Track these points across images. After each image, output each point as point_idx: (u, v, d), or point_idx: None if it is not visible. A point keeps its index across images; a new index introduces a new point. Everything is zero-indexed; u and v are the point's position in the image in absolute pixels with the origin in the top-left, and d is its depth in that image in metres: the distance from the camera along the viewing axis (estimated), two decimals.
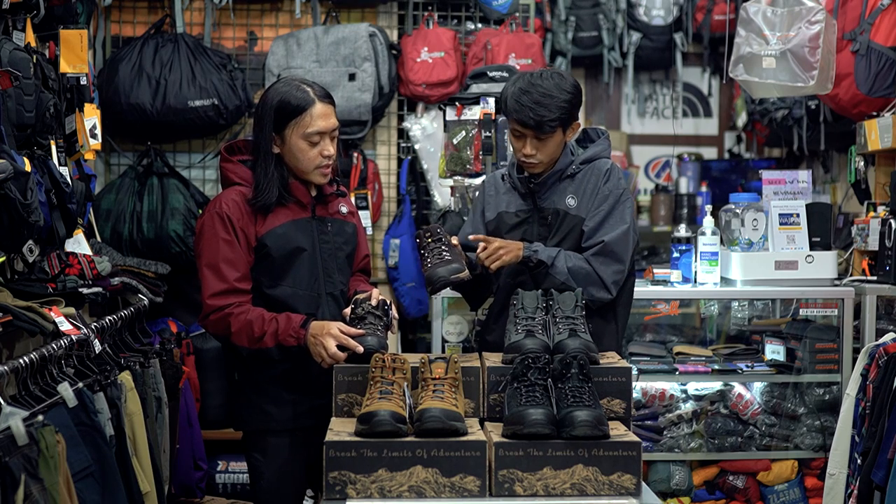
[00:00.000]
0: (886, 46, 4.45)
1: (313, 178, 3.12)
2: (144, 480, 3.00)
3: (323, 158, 3.08)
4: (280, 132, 3.07)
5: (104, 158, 5.04)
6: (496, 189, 3.32)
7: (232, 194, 3.11)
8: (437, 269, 2.92)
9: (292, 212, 3.12)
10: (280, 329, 3.00)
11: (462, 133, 4.28)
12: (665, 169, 7.00)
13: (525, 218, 3.23)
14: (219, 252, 3.05)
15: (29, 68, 3.10)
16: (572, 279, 3.08)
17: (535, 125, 3.08)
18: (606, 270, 3.12)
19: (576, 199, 3.19)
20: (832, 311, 4.36)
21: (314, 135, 3.06)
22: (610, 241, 3.12)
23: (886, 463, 3.28)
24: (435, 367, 2.63)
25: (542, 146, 3.12)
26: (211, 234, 3.07)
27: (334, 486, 2.43)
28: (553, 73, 3.13)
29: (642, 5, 6.49)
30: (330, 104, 3.11)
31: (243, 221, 3.07)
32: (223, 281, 3.05)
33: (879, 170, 4.65)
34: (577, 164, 3.21)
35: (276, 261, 3.09)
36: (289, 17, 5.12)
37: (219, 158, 3.27)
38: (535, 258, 3.09)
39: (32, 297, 3.05)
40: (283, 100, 3.06)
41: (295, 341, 3.00)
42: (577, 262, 3.11)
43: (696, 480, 4.44)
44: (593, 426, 2.45)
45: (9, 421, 2.15)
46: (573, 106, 3.11)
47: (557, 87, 3.08)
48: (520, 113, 3.09)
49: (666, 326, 4.89)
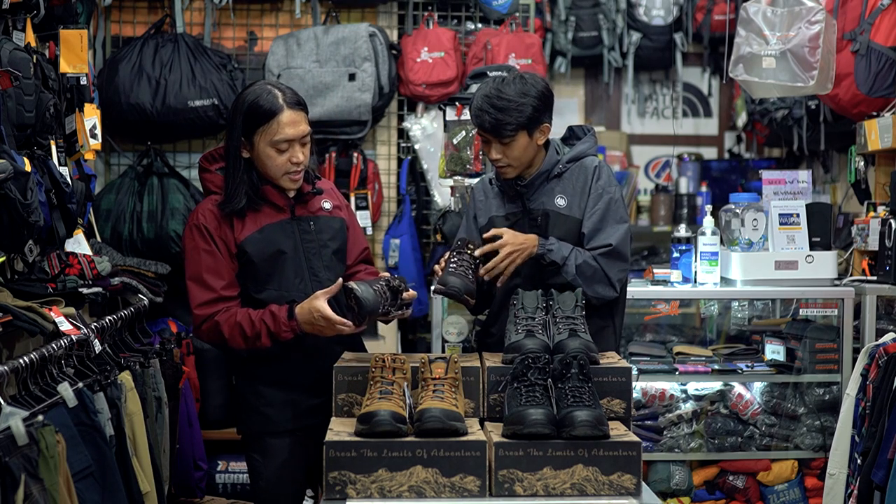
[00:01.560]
0: (886, 46, 4.45)
1: (283, 183, 3.09)
2: (144, 480, 3.00)
3: (292, 165, 3.04)
4: (249, 138, 3.04)
5: (104, 158, 5.04)
6: (485, 194, 3.32)
7: (207, 204, 3.10)
8: (456, 278, 2.91)
9: (269, 215, 3.10)
10: (272, 328, 2.99)
11: (462, 133, 4.28)
12: (665, 169, 7.00)
13: (515, 221, 3.22)
14: (201, 263, 3.05)
15: (29, 68, 3.10)
16: (578, 278, 3.10)
17: (493, 130, 3.08)
18: (613, 269, 3.14)
19: (565, 199, 3.19)
20: (832, 311, 4.36)
21: (282, 142, 3.01)
22: (617, 243, 3.14)
23: (886, 463, 3.28)
24: (435, 367, 2.63)
25: (507, 150, 3.12)
26: (191, 246, 3.07)
27: (334, 486, 2.43)
28: (518, 78, 3.11)
29: (642, 5, 6.49)
30: (301, 111, 3.06)
31: (220, 230, 3.06)
32: (209, 290, 3.04)
33: (879, 170, 4.65)
34: (564, 164, 3.21)
35: (259, 265, 3.07)
36: (289, 17, 5.12)
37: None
38: (548, 258, 3.10)
39: (32, 297, 3.05)
40: (253, 104, 3.02)
41: (291, 334, 2.99)
42: (587, 260, 3.12)
43: (696, 480, 4.44)
44: (593, 426, 2.45)
45: (9, 421, 2.15)
46: (536, 110, 3.08)
47: (519, 92, 3.07)
48: (478, 119, 3.11)
49: (666, 326, 4.89)
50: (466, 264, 2.98)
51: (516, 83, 3.09)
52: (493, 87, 3.09)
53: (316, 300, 2.94)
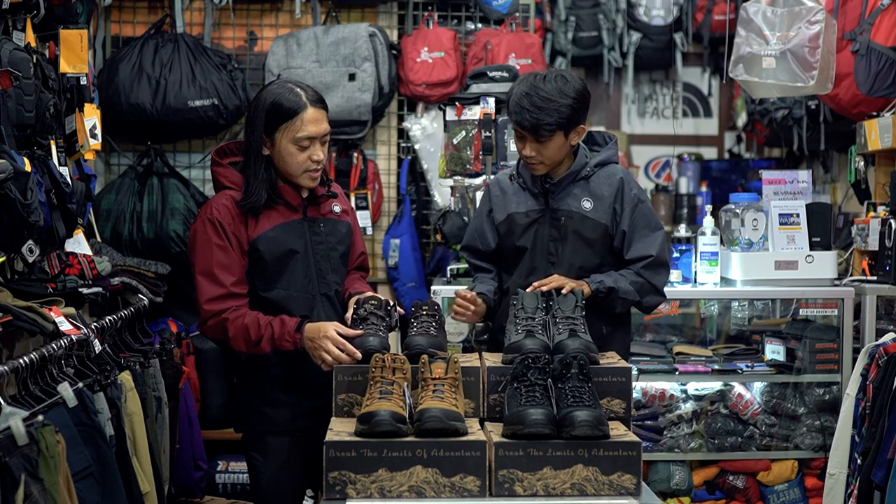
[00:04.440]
0: (886, 46, 4.45)
1: (302, 181, 3.10)
2: (144, 480, 3.00)
3: (312, 163, 3.06)
4: (270, 135, 3.05)
5: (104, 158, 5.04)
6: (503, 190, 3.32)
7: (222, 199, 3.10)
8: (418, 337, 2.89)
9: (282, 214, 3.11)
10: (276, 334, 3.00)
11: (462, 133, 4.28)
12: (665, 169, 7.00)
13: (536, 218, 3.23)
14: (213, 257, 3.05)
15: (29, 68, 3.10)
16: (637, 294, 3.17)
17: (532, 128, 3.08)
18: (657, 278, 3.22)
19: (591, 202, 3.20)
20: (832, 311, 4.35)
21: (304, 139, 3.03)
22: (658, 253, 3.20)
23: (886, 463, 3.28)
24: (435, 367, 2.63)
25: (542, 149, 3.12)
26: (203, 240, 3.07)
27: (334, 486, 2.43)
28: (558, 76, 3.12)
29: (642, 5, 6.49)
30: (322, 109, 3.08)
31: (234, 226, 3.06)
32: (219, 286, 3.04)
33: (879, 170, 4.65)
34: (591, 167, 3.23)
35: (269, 264, 3.08)
36: (289, 17, 5.12)
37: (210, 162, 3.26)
38: (603, 287, 3.13)
39: (32, 297, 3.05)
40: (276, 102, 3.04)
41: (291, 345, 3.00)
42: (633, 278, 3.18)
43: (696, 480, 4.44)
44: (593, 426, 2.45)
45: (9, 421, 2.15)
46: (575, 111, 3.10)
47: (559, 91, 3.08)
48: (518, 115, 3.10)
49: (666, 326, 4.89)
50: (427, 324, 2.96)
51: (556, 81, 3.10)
52: (533, 85, 3.09)
53: (330, 324, 2.96)
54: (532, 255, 3.22)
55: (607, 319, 3.19)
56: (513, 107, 3.12)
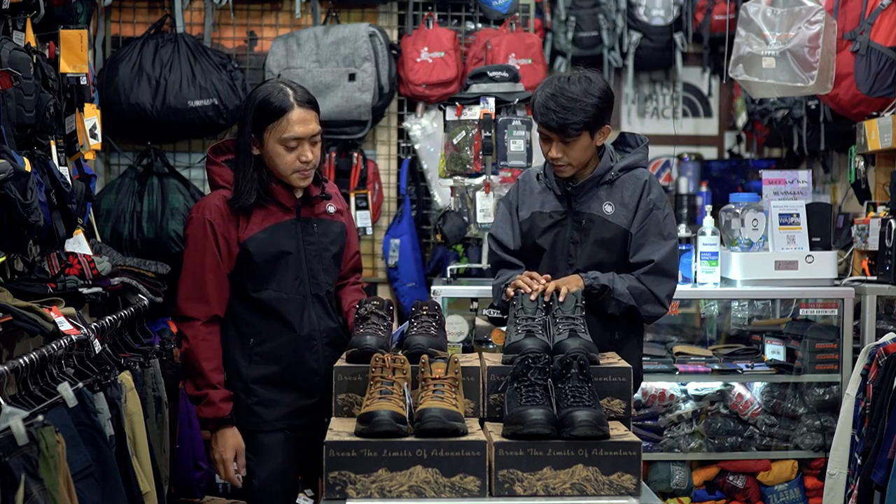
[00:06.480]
0: (886, 46, 4.45)
1: (292, 181, 3.09)
2: (144, 480, 3.00)
3: (301, 163, 3.05)
4: (259, 134, 3.05)
5: (104, 158, 5.04)
6: (531, 188, 3.31)
7: (214, 199, 3.10)
8: (418, 337, 2.88)
9: (275, 215, 3.10)
10: (199, 385, 3.08)
11: (462, 133, 4.28)
12: (665, 169, 7.00)
13: (559, 220, 3.22)
14: (205, 265, 3.07)
15: (29, 68, 3.10)
16: (633, 299, 3.11)
17: (559, 129, 3.07)
18: (659, 287, 3.16)
19: (613, 206, 3.18)
20: (832, 311, 4.35)
21: (291, 140, 3.02)
22: (660, 259, 3.14)
23: (886, 463, 3.28)
24: (435, 367, 2.63)
25: (568, 150, 3.11)
26: (194, 240, 3.09)
27: (334, 486, 2.43)
28: (583, 77, 3.11)
29: (642, 5, 6.49)
30: (312, 110, 3.07)
31: (225, 227, 3.06)
32: (203, 303, 3.07)
33: (879, 170, 4.65)
34: (616, 171, 3.21)
35: (260, 265, 3.08)
36: (289, 17, 5.12)
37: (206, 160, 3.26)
38: (597, 284, 3.10)
39: (32, 297, 3.04)
40: (264, 101, 3.04)
41: (204, 410, 3.09)
42: (632, 283, 3.14)
43: (696, 480, 4.44)
44: (593, 426, 2.45)
45: (9, 421, 2.15)
46: (600, 110, 3.09)
47: (585, 91, 3.07)
48: (544, 116, 3.09)
49: (666, 326, 4.89)
50: (427, 324, 2.96)
51: (581, 82, 3.09)
52: (558, 86, 3.09)
53: (239, 446, 3.08)
54: (552, 256, 3.22)
55: (620, 325, 3.18)
56: (539, 108, 3.11)
